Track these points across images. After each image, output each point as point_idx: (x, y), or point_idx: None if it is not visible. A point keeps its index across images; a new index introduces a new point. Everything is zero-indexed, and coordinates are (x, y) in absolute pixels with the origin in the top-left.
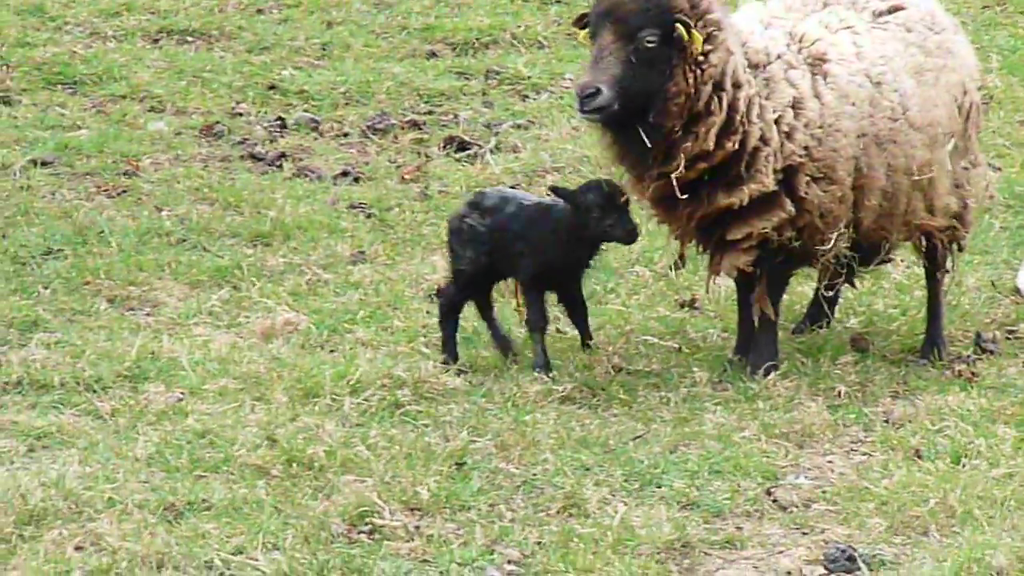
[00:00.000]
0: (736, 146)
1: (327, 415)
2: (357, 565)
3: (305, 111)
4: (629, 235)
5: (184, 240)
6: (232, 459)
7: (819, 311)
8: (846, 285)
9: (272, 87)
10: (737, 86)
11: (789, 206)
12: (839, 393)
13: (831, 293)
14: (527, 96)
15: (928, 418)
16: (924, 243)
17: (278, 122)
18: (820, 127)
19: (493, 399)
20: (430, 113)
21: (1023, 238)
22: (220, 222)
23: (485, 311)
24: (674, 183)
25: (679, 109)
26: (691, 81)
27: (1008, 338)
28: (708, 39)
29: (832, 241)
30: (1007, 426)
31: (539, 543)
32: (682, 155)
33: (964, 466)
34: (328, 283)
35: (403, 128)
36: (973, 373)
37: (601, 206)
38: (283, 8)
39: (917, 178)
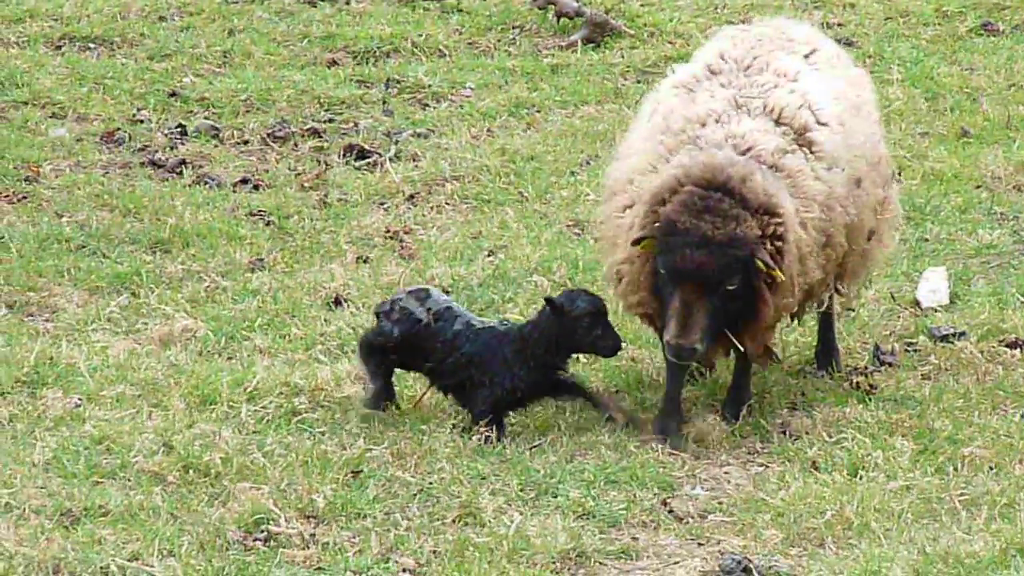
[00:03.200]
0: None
1: (224, 422)
2: (252, 572)
3: (206, 118)
4: (615, 348)
5: (84, 246)
6: (129, 465)
7: None
8: None
9: (173, 94)
10: (803, 226)
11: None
12: None
13: None
14: (427, 105)
15: (825, 430)
16: None
17: (179, 129)
18: (824, 204)
19: (390, 407)
20: (330, 121)
21: (923, 250)
22: (120, 229)
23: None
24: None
25: (774, 323)
26: (778, 295)
27: (907, 350)
28: (780, 221)
29: (830, 289)
30: (905, 439)
31: (434, 552)
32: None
33: (861, 478)
34: (226, 290)
35: (303, 136)
36: (871, 385)
37: (592, 314)
38: (184, 15)
39: (880, 217)
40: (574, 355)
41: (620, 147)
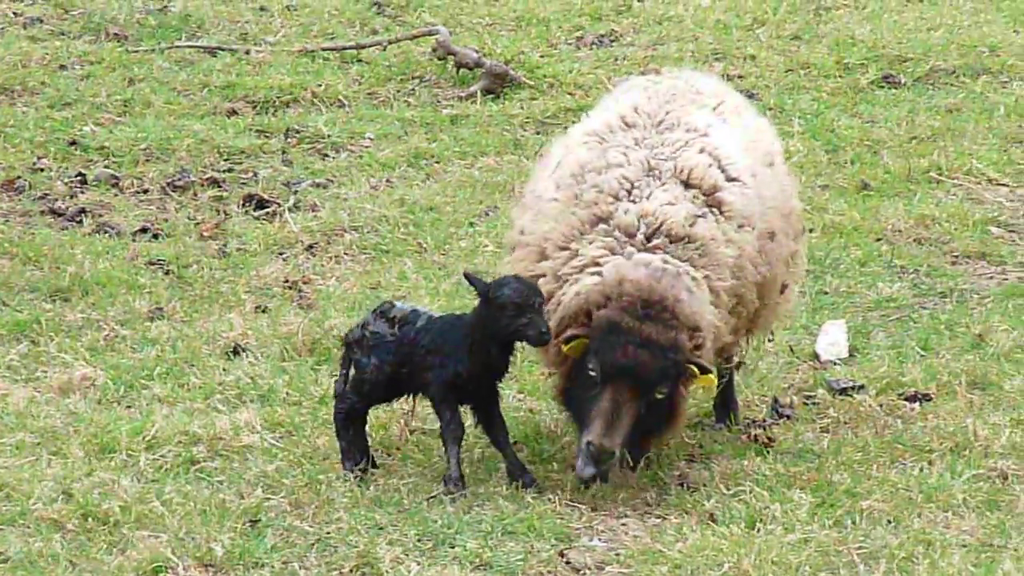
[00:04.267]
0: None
1: (123, 470)
2: None
3: (106, 167)
4: (541, 337)
5: None
6: (28, 512)
7: None
8: None
9: (73, 143)
10: (715, 295)
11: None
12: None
13: None
14: (327, 155)
15: (723, 482)
16: None
17: (79, 178)
18: (735, 267)
19: (288, 457)
20: (230, 171)
21: (822, 303)
22: (19, 277)
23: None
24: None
25: (680, 428)
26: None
27: (805, 403)
28: (704, 335)
29: (740, 345)
30: (803, 491)
31: None
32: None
33: (759, 531)
34: (126, 339)
35: (203, 185)
36: (769, 438)
37: (517, 304)
38: (85, 65)
39: (791, 270)
40: (510, 344)
41: (526, 192)
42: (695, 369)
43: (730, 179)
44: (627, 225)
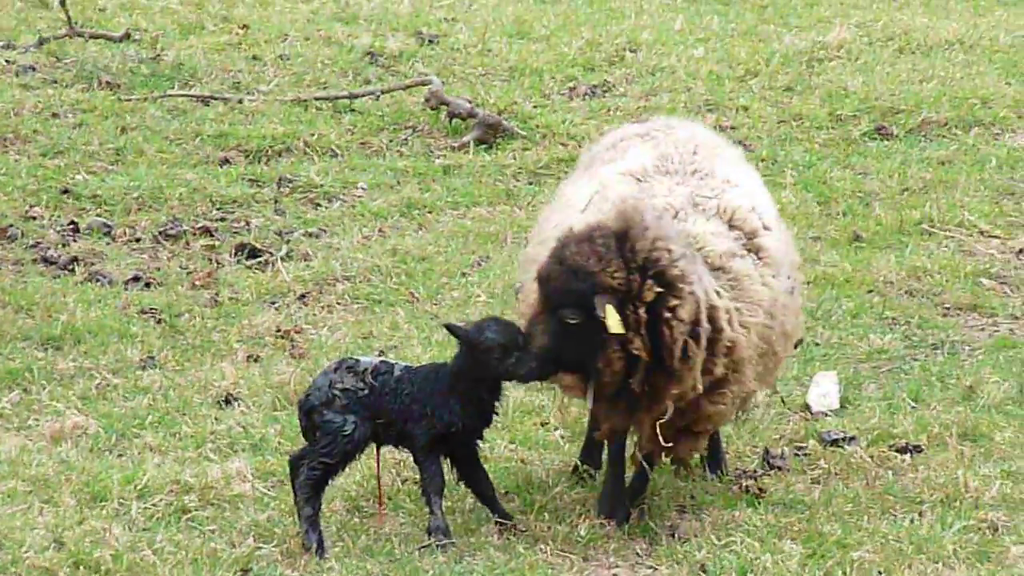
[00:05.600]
0: (724, 369)
1: (114, 519)
2: None
3: (98, 216)
4: (530, 373)
5: None
6: (20, 561)
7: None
8: None
9: (66, 191)
10: (714, 315)
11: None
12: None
13: None
14: (319, 204)
15: (714, 533)
16: None
17: (71, 226)
18: (768, 312)
19: (280, 506)
20: (222, 220)
21: (813, 355)
22: (11, 325)
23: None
24: (658, 433)
25: (612, 383)
26: (625, 355)
27: (796, 454)
28: (674, 293)
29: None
30: (794, 542)
31: None
32: (669, 402)
33: None
34: (118, 387)
35: (195, 234)
36: (760, 489)
37: (503, 345)
38: (78, 113)
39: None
40: (499, 386)
41: (540, 230)
42: (601, 308)
43: (766, 227)
44: None
